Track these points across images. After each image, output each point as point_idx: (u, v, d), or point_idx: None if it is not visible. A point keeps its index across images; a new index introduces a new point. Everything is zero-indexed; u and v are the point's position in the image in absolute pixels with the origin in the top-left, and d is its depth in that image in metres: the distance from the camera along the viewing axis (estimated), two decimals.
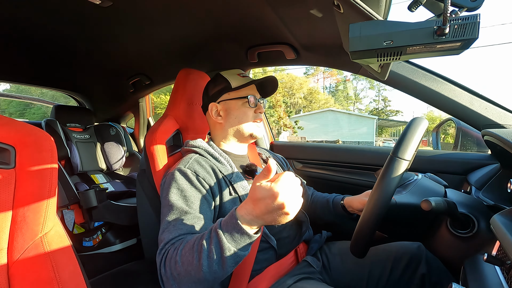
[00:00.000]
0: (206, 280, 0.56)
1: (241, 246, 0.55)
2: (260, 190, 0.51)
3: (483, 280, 0.50)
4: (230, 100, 0.88)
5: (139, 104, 2.17)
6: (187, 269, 0.56)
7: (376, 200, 0.59)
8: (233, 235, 0.54)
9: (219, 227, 0.56)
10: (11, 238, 0.51)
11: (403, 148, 0.58)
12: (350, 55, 0.56)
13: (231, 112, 0.89)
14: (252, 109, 0.89)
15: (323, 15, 0.81)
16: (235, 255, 0.55)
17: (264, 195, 0.51)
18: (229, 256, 0.54)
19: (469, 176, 0.94)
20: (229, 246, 0.54)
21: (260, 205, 0.51)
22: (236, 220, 0.54)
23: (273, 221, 0.52)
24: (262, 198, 0.51)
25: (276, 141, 1.61)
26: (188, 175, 0.76)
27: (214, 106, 0.90)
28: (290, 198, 0.50)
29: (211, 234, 0.56)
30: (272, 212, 0.51)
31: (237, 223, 0.53)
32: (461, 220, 0.61)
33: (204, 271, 0.54)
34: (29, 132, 0.55)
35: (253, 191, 0.53)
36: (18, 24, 1.09)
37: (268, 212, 0.51)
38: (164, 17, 1.00)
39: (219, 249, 0.54)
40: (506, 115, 0.85)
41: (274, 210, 0.50)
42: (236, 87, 0.88)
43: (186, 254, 0.57)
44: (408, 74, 0.93)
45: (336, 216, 0.96)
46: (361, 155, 1.27)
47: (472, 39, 0.46)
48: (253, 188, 0.53)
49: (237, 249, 0.54)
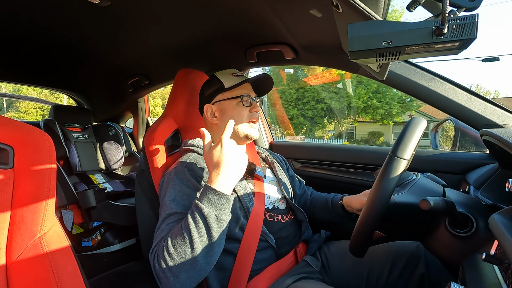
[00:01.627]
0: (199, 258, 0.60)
1: (220, 209, 0.62)
2: (213, 151, 0.67)
3: (481, 279, 0.50)
4: (224, 101, 0.88)
5: (138, 104, 2.17)
6: (179, 251, 0.59)
7: (375, 200, 0.59)
8: (210, 199, 0.62)
9: (198, 199, 0.63)
10: (10, 239, 0.51)
11: (402, 148, 0.58)
12: (349, 55, 0.56)
13: (226, 113, 0.88)
14: (247, 109, 0.88)
15: (322, 15, 0.81)
16: (218, 219, 0.62)
17: (217, 153, 0.66)
18: (212, 220, 0.61)
19: (467, 175, 0.94)
20: (209, 211, 0.61)
21: (214, 164, 0.66)
22: (208, 186, 0.63)
23: (235, 171, 0.67)
24: (211, 158, 0.66)
25: (275, 140, 1.61)
26: (186, 174, 0.76)
27: (209, 108, 0.90)
28: (227, 145, 0.66)
29: (192, 208, 0.63)
30: (226, 163, 0.65)
31: (210, 187, 0.63)
32: (460, 220, 0.61)
33: (196, 246, 0.59)
34: (28, 132, 0.55)
35: (209, 156, 0.68)
36: (16, 24, 1.09)
37: (224, 165, 0.65)
38: (163, 17, 1.00)
39: (202, 216, 0.61)
40: (505, 115, 0.85)
41: (224, 160, 0.65)
42: (229, 87, 0.87)
43: (176, 236, 0.61)
44: (407, 74, 0.93)
45: (335, 216, 0.96)
46: (360, 154, 1.27)
47: (471, 39, 0.46)
48: (206, 156, 0.69)
49: (218, 213, 0.62)
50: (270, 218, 0.84)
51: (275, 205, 0.88)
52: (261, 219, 0.80)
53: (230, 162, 0.65)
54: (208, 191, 0.63)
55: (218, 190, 0.62)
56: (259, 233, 0.78)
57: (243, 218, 0.78)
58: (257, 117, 0.91)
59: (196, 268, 0.60)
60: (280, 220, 0.86)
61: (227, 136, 0.68)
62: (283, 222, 0.86)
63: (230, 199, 0.64)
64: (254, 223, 0.78)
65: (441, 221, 0.66)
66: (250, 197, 0.81)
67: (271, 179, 0.95)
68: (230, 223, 0.76)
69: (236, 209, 0.78)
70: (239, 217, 0.78)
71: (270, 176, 0.95)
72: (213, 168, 0.66)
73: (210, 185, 0.63)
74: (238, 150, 0.68)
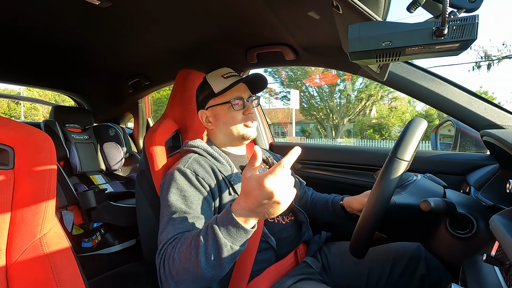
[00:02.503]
0: (204, 277, 0.56)
1: (237, 241, 0.54)
2: (250, 181, 0.50)
3: (482, 281, 0.50)
4: (216, 106, 0.88)
5: (138, 105, 2.17)
6: (185, 266, 0.56)
7: (375, 201, 0.59)
8: (229, 229, 0.53)
9: (215, 222, 0.55)
10: (10, 239, 0.51)
11: (402, 149, 0.58)
12: (349, 56, 0.56)
13: (219, 118, 0.88)
14: (240, 112, 0.87)
15: (322, 16, 0.81)
16: (232, 250, 0.54)
17: (253, 186, 0.49)
18: (225, 251, 0.54)
19: (468, 176, 0.94)
20: (225, 241, 0.53)
21: (251, 197, 0.50)
22: (231, 214, 0.53)
23: (266, 214, 0.51)
24: (252, 189, 0.50)
25: (276, 141, 1.61)
26: (187, 174, 0.76)
27: (204, 113, 0.91)
28: (279, 188, 0.49)
29: (208, 230, 0.56)
30: (263, 204, 0.50)
31: (232, 217, 0.53)
32: (460, 221, 0.61)
33: (202, 267, 0.54)
34: (28, 133, 0.55)
35: (244, 183, 0.52)
36: (16, 25, 1.09)
37: (260, 204, 0.50)
38: (163, 18, 1.00)
39: (216, 244, 0.54)
40: (505, 115, 0.85)
41: (264, 201, 0.49)
42: (219, 92, 0.86)
43: (184, 251, 0.57)
44: (407, 75, 0.93)
45: (336, 217, 0.96)
46: (360, 155, 1.27)
47: (471, 40, 0.46)
48: (243, 180, 0.52)
49: (233, 244, 0.54)
50: (270, 219, 0.84)
51: None
52: (262, 220, 0.79)
53: (264, 202, 0.50)
54: (229, 219, 0.53)
55: (239, 223, 0.53)
56: (260, 234, 0.78)
57: None
58: (252, 118, 0.89)
59: (199, 283, 0.58)
60: (281, 221, 0.86)
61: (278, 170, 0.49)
62: (283, 223, 0.86)
63: (250, 233, 0.55)
64: None
65: (441, 222, 0.66)
66: None
67: None
68: None
69: None
70: None
71: None
72: (244, 195, 0.52)
73: (233, 213, 0.53)
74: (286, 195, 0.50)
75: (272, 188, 0.48)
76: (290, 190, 0.51)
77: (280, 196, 0.49)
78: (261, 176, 0.49)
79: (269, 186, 0.48)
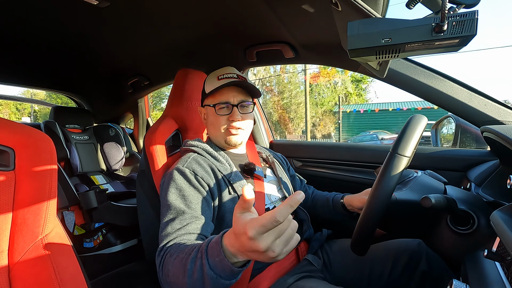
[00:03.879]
0: None
1: (223, 275, 0.49)
2: (237, 223, 0.43)
3: (483, 276, 0.50)
4: (207, 106, 0.88)
5: (138, 104, 2.17)
6: (175, 281, 0.56)
7: (376, 198, 0.59)
8: (216, 264, 0.48)
9: (205, 249, 0.51)
10: (12, 240, 0.51)
11: (403, 145, 0.58)
12: (348, 53, 0.56)
13: (207, 119, 0.90)
14: (225, 117, 0.84)
15: (321, 13, 0.81)
16: (217, 283, 0.49)
17: (240, 231, 0.42)
18: (211, 282, 0.49)
19: (468, 172, 0.94)
20: (211, 273, 0.49)
21: (238, 241, 0.44)
22: (220, 249, 0.47)
23: (258, 259, 0.43)
24: (239, 234, 0.43)
25: (276, 139, 1.61)
26: (186, 174, 0.76)
27: (202, 110, 0.92)
28: (267, 242, 0.40)
29: (198, 254, 0.52)
30: (252, 252, 0.42)
31: (220, 253, 0.47)
32: (461, 217, 0.61)
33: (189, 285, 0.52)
34: (28, 134, 0.55)
35: (233, 222, 0.45)
36: (15, 26, 1.09)
37: (248, 251, 0.42)
38: (162, 18, 1.00)
39: (201, 273, 0.50)
40: (505, 111, 0.85)
41: (251, 251, 0.42)
42: (209, 93, 0.85)
43: (177, 266, 0.56)
44: (407, 72, 0.93)
45: (336, 215, 0.96)
46: (360, 153, 1.27)
47: (470, 35, 0.46)
48: (234, 218, 0.45)
49: (219, 277, 0.49)
50: None
51: (276, 206, 0.88)
52: None
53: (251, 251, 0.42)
54: (217, 252, 0.48)
55: (226, 261, 0.47)
56: None
57: None
58: (236, 126, 0.85)
59: None
60: None
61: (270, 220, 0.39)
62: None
63: (238, 273, 0.49)
64: None
65: (442, 218, 0.66)
66: None
67: (271, 178, 0.95)
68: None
69: None
70: None
71: (271, 176, 0.95)
72: (235, 237, 0.45)
73: (222, 247, 0.47)
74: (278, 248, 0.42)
75: (259, 242, 0.40)
76: (285, 242, 0.42)
77: (269, 251, 0.41)
78: (248, 224, 0.41)
79: (255, 238, 0.40)
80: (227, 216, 0.77)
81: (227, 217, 0.77)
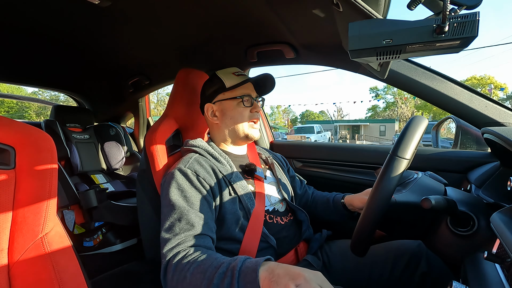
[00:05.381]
0: None
1: None
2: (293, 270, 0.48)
3: (483, 278, 0.50)
4: (225, 101, 0.88)
5: (139, 104, 2.17)
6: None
7: (376, 199, 0.59)
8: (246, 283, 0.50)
9: (238, 270, 0.52)
10: (12, 239, 0.51)
11: (402, 147, 0.58)
12: (349, 54, 0.56)
13: (226, 113, 0.89)
14: (248, 109, 0.89)
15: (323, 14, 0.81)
16: None
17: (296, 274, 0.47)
18: None
19: (469, 174, 0.94)
20: None
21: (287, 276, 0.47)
22: (256, 278, 0.50)
23: None
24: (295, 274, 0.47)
25: (276, 140, 1.61)
26: (188, 175, 0.76)
27: (210, 107, 0.91)
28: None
29: (227, 272, 0.54)
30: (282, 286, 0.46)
31: (255, 281, 0.49)
32: (461, 218, 0.61)
33: None
34: (29, 132, 0.55)
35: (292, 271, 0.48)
36: (15, 25, 1.09)
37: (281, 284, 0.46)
38: (163, 17, 1.00)
39: None
40: (506, 113, 0.85)
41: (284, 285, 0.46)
42: (230, 87, 0.87)
43: (196, 276, 0.56)
44: (407, 73, 0.93)
45: (337, 215, 0.96)
46: (361, 153, 1.27)
47: (471, 37, 0.46)
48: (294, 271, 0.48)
49: None
50: (269, 219, 0.84)
51: (275, 207, 0.88)
52: (262, 220, 0.80)
53: None
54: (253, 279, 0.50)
55: None
56: (260, 234, 0.78)
57: (243, 218, 0.78)
58: (258, 117, 0.91)
59: None
60: (279, 221, 0.86)
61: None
62: (282, 224, 0.86)
63: None
64: (255, 224, 0.78)
65: (442, 220, 0.66)
66: (251, 198, 0.81)
67: (271, 180, 0.95)
68: (230, 224, 0.76)
69: (236, 210, 0.78)
70: (240, 217, 0.78)
71: (270, 177, 0.96)
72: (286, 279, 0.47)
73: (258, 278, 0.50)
74: None
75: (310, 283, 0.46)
76: None
77: None
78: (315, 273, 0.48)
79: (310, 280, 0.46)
80: (227, 217, 0.77)
81: (228, 218, 0.77)
